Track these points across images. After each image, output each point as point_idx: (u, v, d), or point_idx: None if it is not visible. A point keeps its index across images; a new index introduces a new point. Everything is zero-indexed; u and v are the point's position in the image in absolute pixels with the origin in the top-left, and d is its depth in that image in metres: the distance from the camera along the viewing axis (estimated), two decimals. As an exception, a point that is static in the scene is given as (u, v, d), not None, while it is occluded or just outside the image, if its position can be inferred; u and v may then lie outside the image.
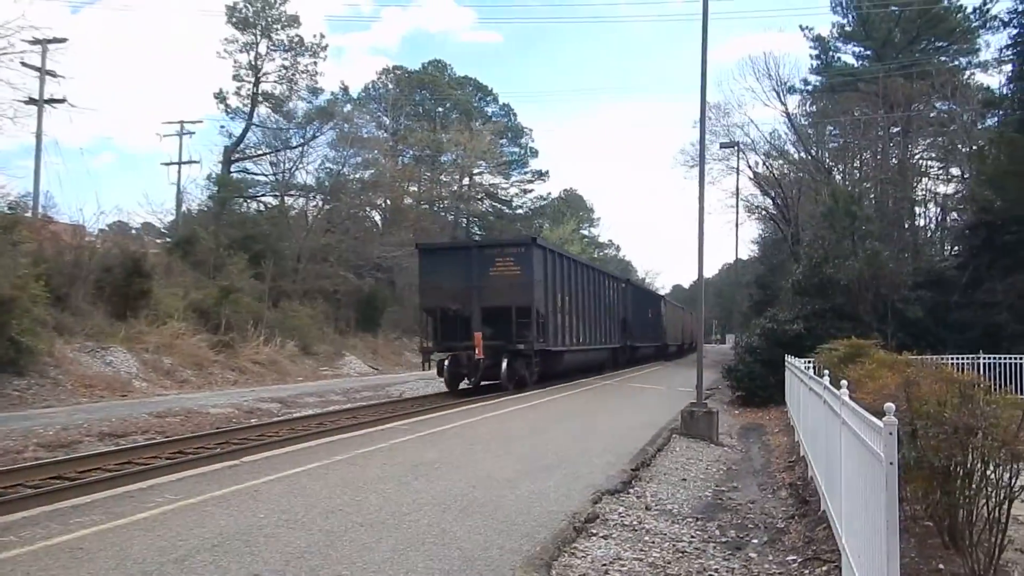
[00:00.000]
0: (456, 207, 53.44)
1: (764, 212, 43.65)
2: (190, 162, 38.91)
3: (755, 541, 7.31)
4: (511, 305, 19.37)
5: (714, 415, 14.81)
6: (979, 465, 5.15)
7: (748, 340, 24.27)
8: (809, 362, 12.88)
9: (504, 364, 19.49)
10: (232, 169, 38.53)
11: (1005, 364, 16.17)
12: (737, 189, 37.45)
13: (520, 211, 62.32)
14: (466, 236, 51.27)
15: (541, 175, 62.91)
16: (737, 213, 38.23)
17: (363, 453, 10.05)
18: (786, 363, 16.27)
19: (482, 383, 20.25)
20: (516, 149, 61.34)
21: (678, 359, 45.83)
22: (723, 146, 38.65)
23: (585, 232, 79.41)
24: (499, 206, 60.04)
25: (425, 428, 12.82)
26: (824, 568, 6.08)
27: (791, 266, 28.54)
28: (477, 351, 19.13)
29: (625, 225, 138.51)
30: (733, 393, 23.45)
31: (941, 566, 5.32)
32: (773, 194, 39.79)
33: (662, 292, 66.27)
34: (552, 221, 66.44)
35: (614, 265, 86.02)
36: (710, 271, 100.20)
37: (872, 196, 30.83)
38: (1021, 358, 16.22)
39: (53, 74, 29.40)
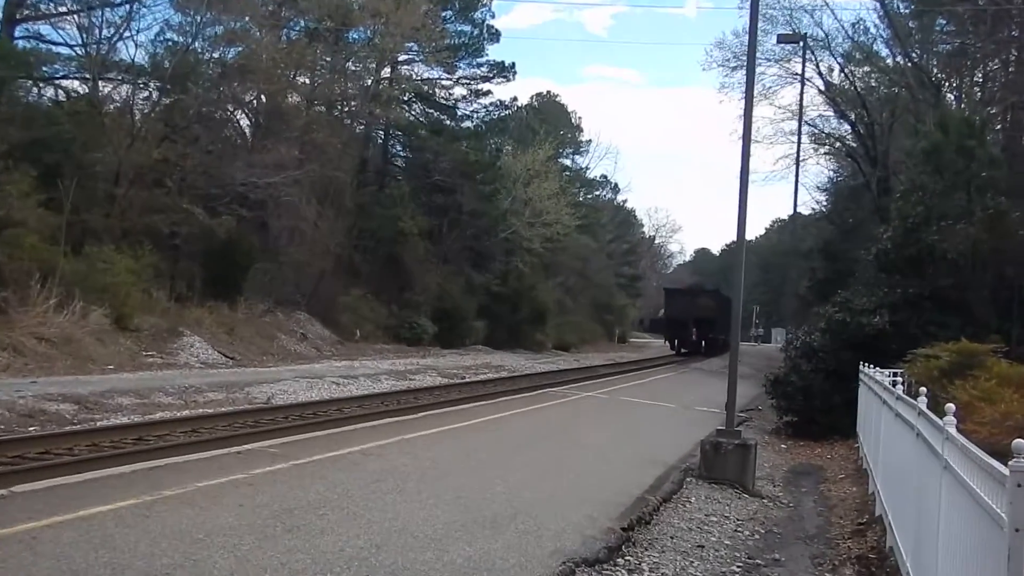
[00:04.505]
0: (369, 112, 52.29)
1: (839, 145, 44.06)
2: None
3: (804, 643, 7.37)
4: (705, 318, 61.72)
5: (750, 449, 14.93)
6: None
7: (805, 338, 24.57)
8: (896, 374, 13.04)
9: (703, 343, 63.88)
10: (16, 33, 37.39)
11: None
12: (800, 108, 37.78)
13: (467, 124, 60.86)
14: (383, 158, 57.26)
15: (503, 70, 61.27)
16: (799, 145, 38.51)
17: (205, 488, 9.92)
18: (860, 375, 16.48)
19: (683, 351, 63.60)
20: (467, 27, 60.13)
21: (704, 358, 55.19)
22: (781, 40, 38.55)
23: (567, 161, 78.89)
24: (436, 113, 58.59)
25: (305, 453, 12.68)
26: None
27: (875, 229, 28.87)
28: (694, 336, 63.90)
29: (628, 158, 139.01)
30: (779, 417, 23.77)
31: None
32: (853, 118, 40.12)
33: (681, 257, 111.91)
34: (517, 143, 64.28)
35: (611, 214, 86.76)
36: (752, 232, 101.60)
37: (1000, 128, 31.21)
38: None
39: None
